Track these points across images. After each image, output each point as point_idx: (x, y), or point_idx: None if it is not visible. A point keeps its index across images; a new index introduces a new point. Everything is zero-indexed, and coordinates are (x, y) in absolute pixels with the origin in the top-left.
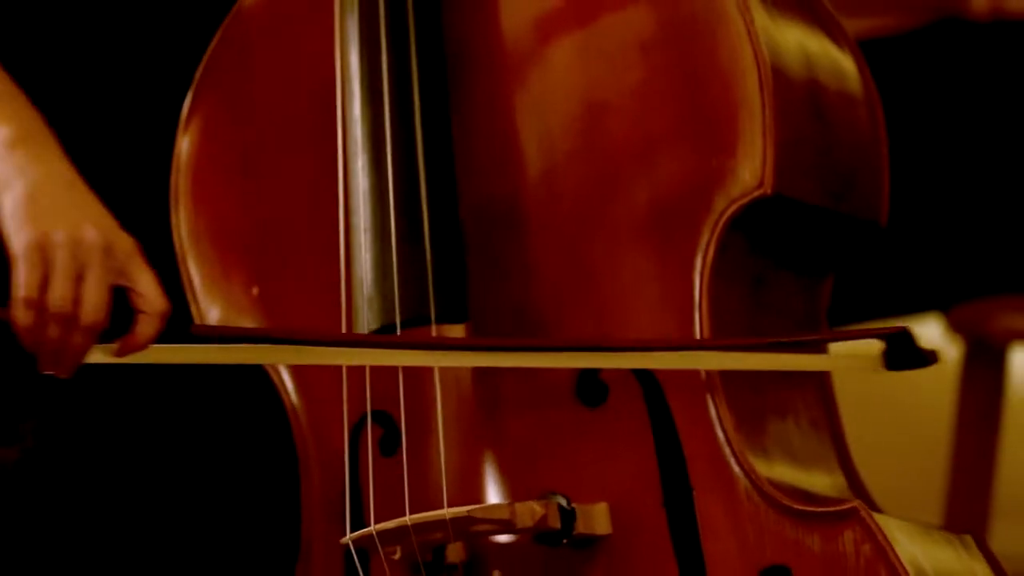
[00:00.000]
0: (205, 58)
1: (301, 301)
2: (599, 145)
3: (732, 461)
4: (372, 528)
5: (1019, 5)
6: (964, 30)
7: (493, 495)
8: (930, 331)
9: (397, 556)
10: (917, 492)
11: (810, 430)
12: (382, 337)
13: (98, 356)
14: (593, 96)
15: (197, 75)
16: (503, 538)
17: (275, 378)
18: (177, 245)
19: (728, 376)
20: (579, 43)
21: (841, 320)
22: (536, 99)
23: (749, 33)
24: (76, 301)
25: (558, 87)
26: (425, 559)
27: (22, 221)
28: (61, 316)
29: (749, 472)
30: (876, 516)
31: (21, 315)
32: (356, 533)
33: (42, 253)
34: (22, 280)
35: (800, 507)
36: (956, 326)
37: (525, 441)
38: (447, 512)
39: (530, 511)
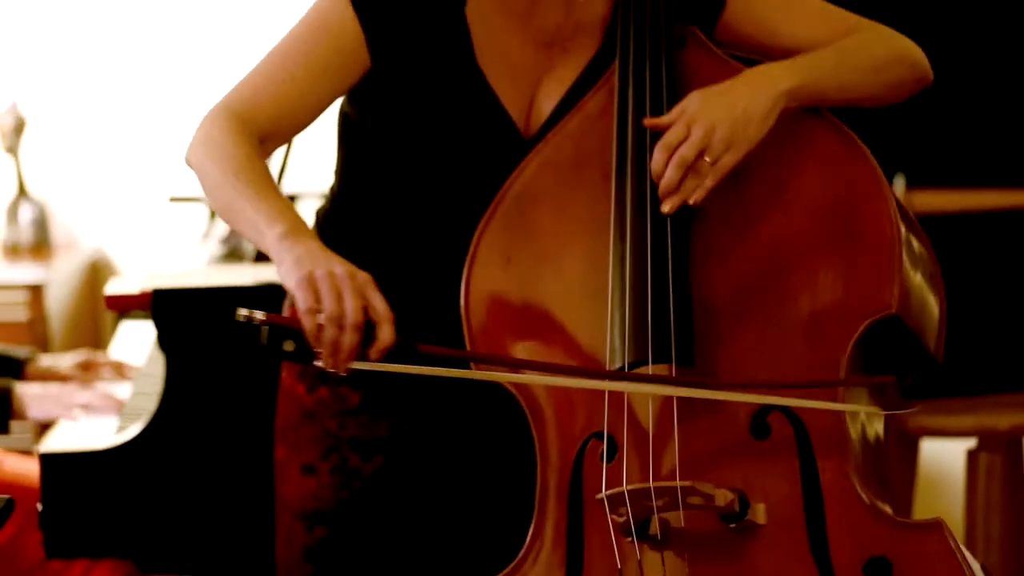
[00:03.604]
0: (506, 191)
1: (557, 346)
2: (780, 268)
3: (854, 482)
4: (624, 487)
5: None
6: None
7: None
8: None
9: (623, 519)
10: None
11: (886, 479)
12: (641, 374)
13: (361, 364)
14: (780, 235)
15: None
16: (686, 522)
17: (524, 397)
18: (463, 308)
19: (852, 434)
20: (772, 202)
21: None
22: (739, 232)
23: (889, 209)
24: (341, 309)
25: (755, 228)
26: (636, 525)
27: (293, 270)
28: (334, 318)
29: (862, 492)
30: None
31: (306, 322)
32: (611, 491)
33: (310, 283)
34: (301, 300)
35: (899, 519)
36: None
37: (712, 455)
38: (679, 482)
39: (724, 495)
